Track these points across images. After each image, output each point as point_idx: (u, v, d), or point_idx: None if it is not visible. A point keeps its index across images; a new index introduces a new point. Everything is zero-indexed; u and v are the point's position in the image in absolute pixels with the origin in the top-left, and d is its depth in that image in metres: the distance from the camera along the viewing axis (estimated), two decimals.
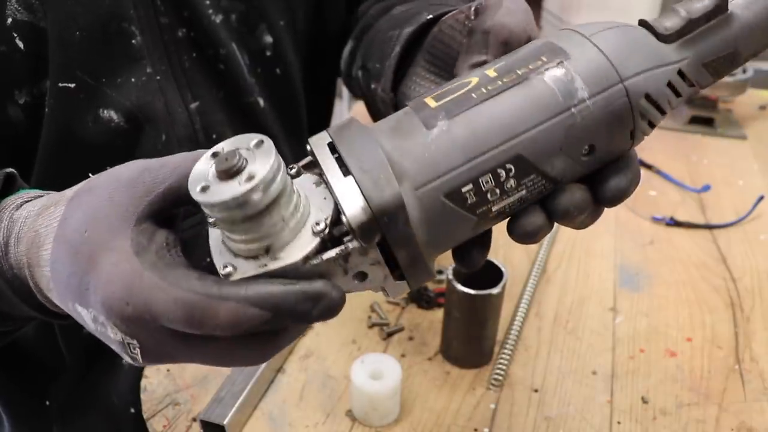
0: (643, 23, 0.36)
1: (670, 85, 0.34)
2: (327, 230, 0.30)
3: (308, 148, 0.33)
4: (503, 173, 0.32)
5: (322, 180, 0.32)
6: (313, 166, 0.33)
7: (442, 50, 0.45)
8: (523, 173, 0.32)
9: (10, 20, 0.50)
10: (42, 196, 0.38)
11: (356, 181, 0.30)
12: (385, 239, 0.30)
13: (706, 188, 0.97)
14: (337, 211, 0.30)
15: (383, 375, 0.60)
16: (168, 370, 0.66)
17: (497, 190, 0.32)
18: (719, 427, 0.60)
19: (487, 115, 0.32)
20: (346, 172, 0.30)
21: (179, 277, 0.30)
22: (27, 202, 0.38)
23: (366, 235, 0.30)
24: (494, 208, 0.33)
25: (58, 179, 0.41)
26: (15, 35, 0.51)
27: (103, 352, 0.67)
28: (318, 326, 0.72)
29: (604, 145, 0.33)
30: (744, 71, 1.13)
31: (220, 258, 0.32)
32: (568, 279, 0.80)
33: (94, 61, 0.55)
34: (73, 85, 0.54)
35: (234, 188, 0.28)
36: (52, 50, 0.53)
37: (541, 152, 0.32)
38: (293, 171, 0.33)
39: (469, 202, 0.32)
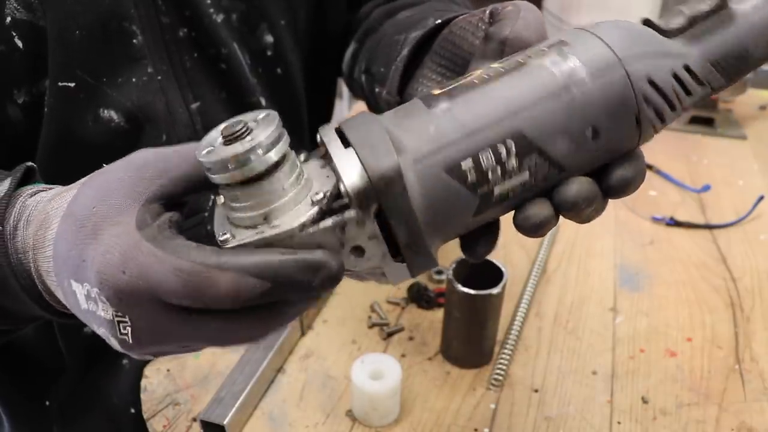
0: (646, 22, 0.36)
1: (675, 77, 0.34)
2: (326, 201, 0.31)
3: (318, 137, 0.33)
4: (504, 150, 0.32)
5: (328, 163, 0.33)
6: (323, 155, 0.34)
7: (451, 50, 0.45)
8: (524, 152, 0.32)
9: (9, 19, 0.50)
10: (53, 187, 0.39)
11: (355, 151, 0.31)
12: (383, 211, 0.31)
13: (706, 188, 0.97)
14: (338, 186, 0.31)
15: (383, 375, 0.60)
16: (168, 371, 0.66)
17: (498, 169, 0.32)
18: (719, 427, 0.60)
19: (488, 94, 0.33)
20: (347, 144, 0.31)
21: (177, 247, 0.30)
22: (42, 191, 0.38)
23: (362, 201, 0.30)
24: (496, 191, 0.32)
25: (57, 179, 0.41)
26: (14, 34, 0.51)
27: (104, 352, 0.67)
28: (318, 326, 0.72)
29: (608, 129, 0.33)
30: None
31: (220, 228, 0.32)
32: (568, 279, 0.80)
33: (94, 60, 0.55)
34: (72, 85, 0.54)
35: (235, 148, 0.30)
36: (52, 49, 0.52)
37: (541, 129, 0.32)
38: (302, 157, 0.34)
39: (469, 179, 0.32)
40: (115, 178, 0.33)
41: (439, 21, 0.48)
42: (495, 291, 0.62)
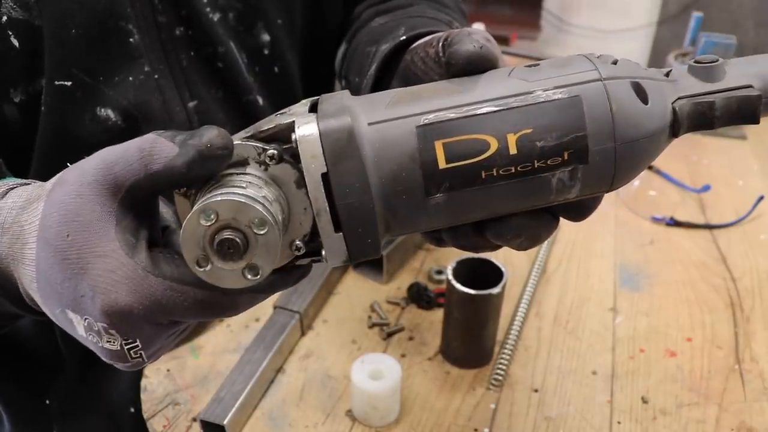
0: (676, 103, 0.34)
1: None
2: (303, 249, 0.33)
3: (293, 139, 0.31)
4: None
5: (304, 184, 0.32)
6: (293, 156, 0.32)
7: (414, 81, 0.44)
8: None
9: (5, 18, 0.50)
10: (28, 183, 0.38)
11: (345, 242, 0.32)
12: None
13: (706, 188, 0.97)
14: (314, 226, 0.32)
15: (383, 375, 0.59)
16: (168, 371, 0.65)
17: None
18: (719, 427, 0.60)
19: (485, 198, 0.33)
20: (338, 226, 0.32)
21: (185, 273, 0.31)
22: (12, 189, 0.37)
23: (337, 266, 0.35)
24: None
25: None
26: (10, 33, 0.51)
27: None
28: (318, 326, 0.72)
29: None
30: None
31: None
32: (568, 279, 0.79)
33: (90, 59, 0.55)
34: (69, 84, 0.54)
35: (238, 278, 0.31)
36: (48, 48, 0.52)
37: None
38: (273, 161, 0.32)
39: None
40: (72, 194, 0.32)
41: (404, 38, 0.49)
42: (495, 291, 0.62)
